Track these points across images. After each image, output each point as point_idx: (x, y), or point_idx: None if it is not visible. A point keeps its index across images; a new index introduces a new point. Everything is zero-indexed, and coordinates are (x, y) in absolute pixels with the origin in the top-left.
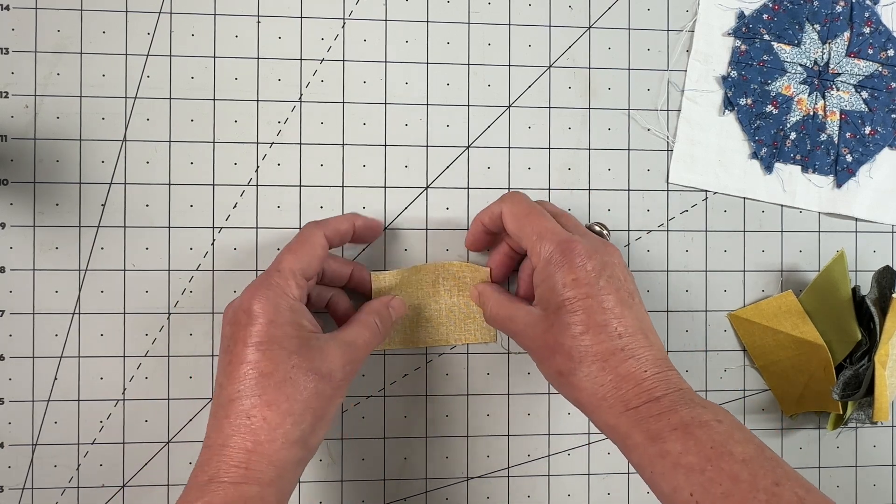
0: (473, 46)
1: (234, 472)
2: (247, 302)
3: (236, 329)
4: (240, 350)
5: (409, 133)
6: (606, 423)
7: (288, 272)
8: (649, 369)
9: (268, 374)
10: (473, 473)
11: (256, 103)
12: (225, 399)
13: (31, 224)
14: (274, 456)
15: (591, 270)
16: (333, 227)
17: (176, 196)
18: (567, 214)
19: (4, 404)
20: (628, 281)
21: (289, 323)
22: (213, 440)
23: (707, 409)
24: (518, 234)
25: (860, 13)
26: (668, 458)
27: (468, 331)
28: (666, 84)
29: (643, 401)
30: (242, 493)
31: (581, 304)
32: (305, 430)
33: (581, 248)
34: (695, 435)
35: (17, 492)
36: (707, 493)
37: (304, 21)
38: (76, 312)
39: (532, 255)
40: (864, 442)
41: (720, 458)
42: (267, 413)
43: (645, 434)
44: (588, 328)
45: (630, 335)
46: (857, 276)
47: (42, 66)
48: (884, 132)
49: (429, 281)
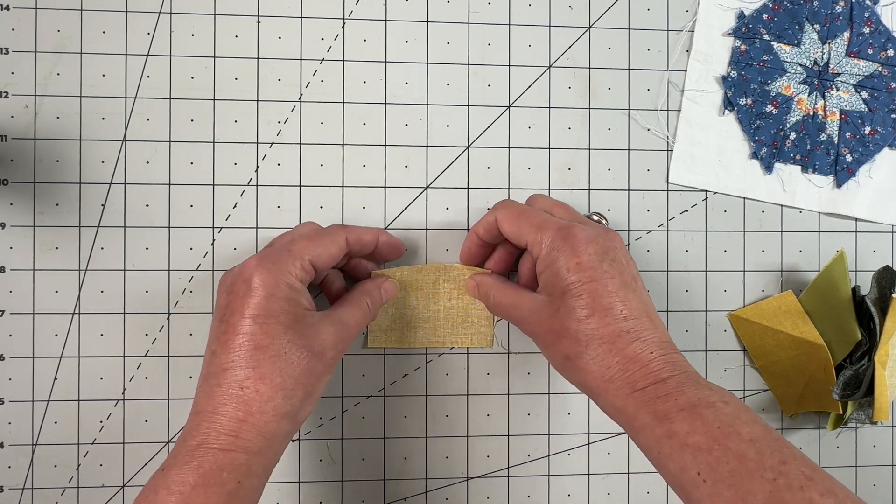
0: (473, 46)
1: (225, 439)
2: (248, 273)
3: (234, 298)
4: (236, 320)
5: (409, 133)
6: (614, 405)
7: (297, 254)
8: (655, 351)
9: (263, 347)
10: (473, 473)
11: (256, 103)
12: (217, 367)
13: (31, 224)
14: (264, 427)
15: (594, 254)
16: (357, 234)
17: (176, 196)
18: (564, 206)
19: (4, 404)
20: (630, 265)
21: (286, 299)
22: (203, 406)
23: (713, 392)
24: (516, 232)
25: (860, 13)
26: (675, 438)
27: (465, 335)
28: (666, 84)
29: (650, 382)
30: (232, 459)
31: (586, 287)
32: (295, 405)
33: (582, 233)
34: (702, 415)
35: (17, 492)
36: (714, 472)
37: (304, 21)
38: (76, 312)
39: (533, 247)
40: (864, 442)
41: (727, 438)
42: (260, 385)
43: (652, 415)
44: (594, 311)
45: (635, 318)
46: (857, 276)
47: (42, 66)
48: (884, 132)
49: (429, 282)
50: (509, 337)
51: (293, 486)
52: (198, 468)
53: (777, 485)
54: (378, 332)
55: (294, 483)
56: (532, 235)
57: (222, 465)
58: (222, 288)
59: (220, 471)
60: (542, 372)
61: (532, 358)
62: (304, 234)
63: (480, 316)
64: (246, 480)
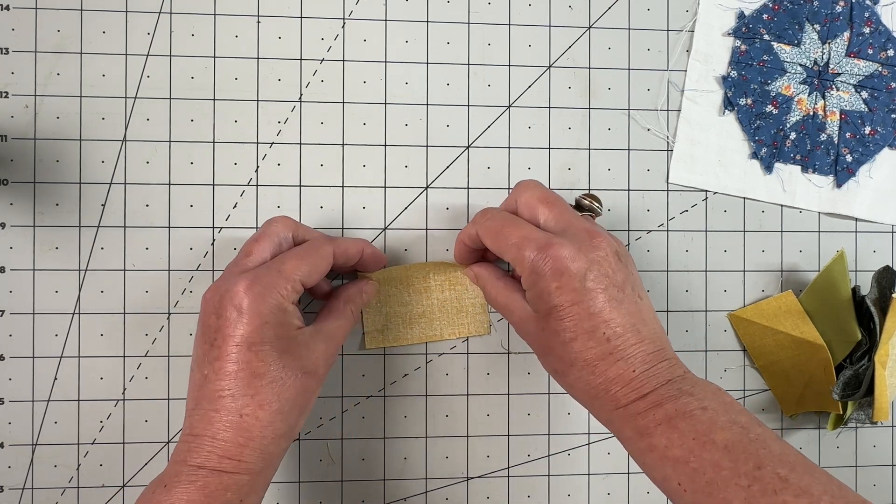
0: (473, 46)
1: (227, 462)
2: (238, 298)
3: (224, 324)
4: (230, 347)
5: (409, 133)
6: (601, 418)
7: (288, 276)
8: (638, 368)
9: (260, 374)
10: (473, 473)
11: (256, 103)
12: (212, 393)
13: (31, 224)
14: (265, 450)
15: (576, 274)
16: (344, 247)
17: (176, 196)
18: (552, 201)
19: (4, 404)
20: (619, 272)
21: (281, 324)
22: (202, 431)
23: (693, 397)
24: (498, 250)
25: (860, 13)
26: (655, 451)
27: (462, 324)
28: (666, 84)
29: (631, 399)
30: (236, 481)
31: (568, 311)
32: (291, 424)
33: (563, 252)
34: (678, 428)
35: (17, 492)
36: (693, 482)
37: (304, 21)
38: (76, 312)
39: (516, 266)
40: (864, 442)
41: (703, 449)
42: (259, 412)
43: (634, 429)
44: (577, 335)
45: (619, 336)
46: (857, 276)
47: (42, 66)
48: (884, 132)
49: (419, 277)
50: (509, 337)
51: (293, 486)
52: (203, 489)
53: (751, 491)
54: (375, 333)
55: (294, 483)
56: (512, 255)
57: (227, 486)
58: (209, 308)
59: (225, 491)
60: (542, 372)
61: (532, 358)
62: (293, 252)
63: (475, 304)
64: (248, 498)
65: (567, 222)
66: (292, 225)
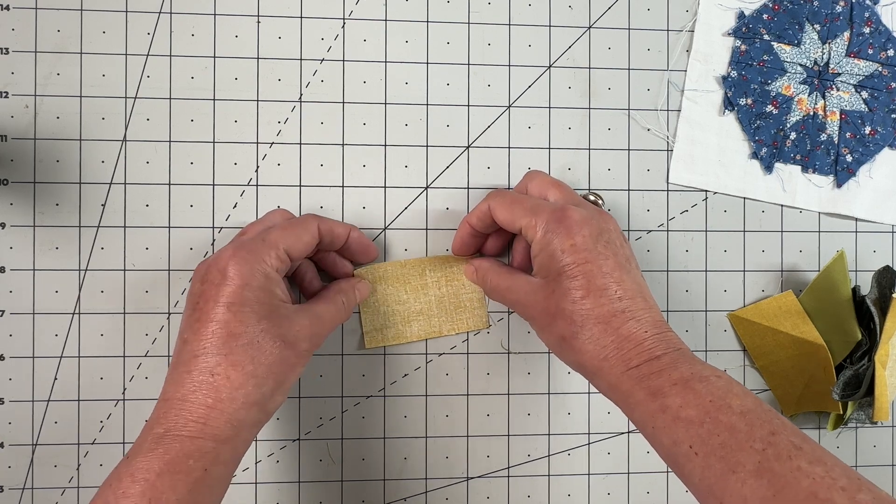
0: (473, 46)
1: (192, 426)
2: (223, 262)
3: (208, 287)
4: (210, 308)
5: (409, 133)
6: (609, 383)
7: (272, 243)
8: (649, 330)
9: (236, 334)
10: (473, 473)
11: (256, 103)
12: (188, 354)
13: (31, 224)
14: (233, 415)
15: (588, 236)
16: (330, 225)
17: (176, 196)
18: (560, 185)
19: (4, 404)
20: (625, 247)
21: (261, 288)
22: (172, 394)
23: (706, 367)
24: (510, 218)
25: (860, 13)
26: (668, 412)
27: (460, 320)
28: (666, 84)
29: (644, 359)
30: (199, 447)
31: (580, 269)
32: (265, 394)
33: (576, 215)
34: (694, 389)
35: (17, 492)
36: (705, 445)
37: (304, 21)
38: (76, 312)
39: (528, 231)
40: (864, 442)
41: (718, 411)
42: (231, 372)
43: (646, 391)
44: (589, 292)
45: (630, 298)
46: (857, 276)
47: (42, 66)
48: (884, 132)
49: (415, 274)
50: (509, 337)
51: (293, 486)
52: (163, 455)
53: (766, 455)
54: (374, 332)
55: (294, 483)
56: (526, 220)
57: (189, 453)
58: (196, 277)
59: (187, 458)
60: (542, 372)
61: (532, 358)
62: (277, 223)
63: (472, 299)
64: (213, 468)
65: (577, 201)
66: (290, 216)
